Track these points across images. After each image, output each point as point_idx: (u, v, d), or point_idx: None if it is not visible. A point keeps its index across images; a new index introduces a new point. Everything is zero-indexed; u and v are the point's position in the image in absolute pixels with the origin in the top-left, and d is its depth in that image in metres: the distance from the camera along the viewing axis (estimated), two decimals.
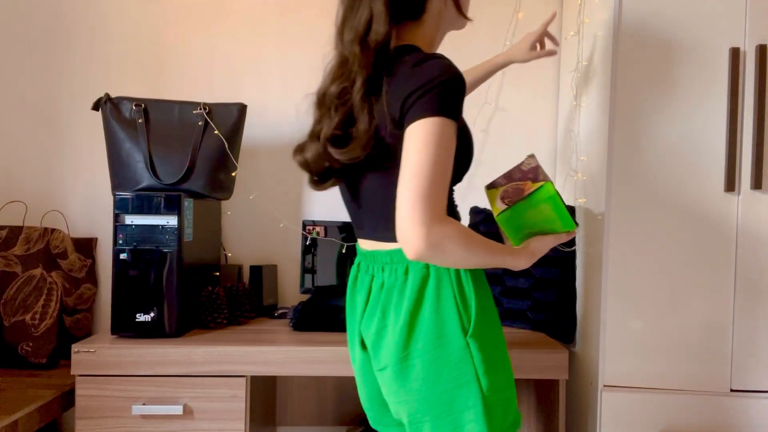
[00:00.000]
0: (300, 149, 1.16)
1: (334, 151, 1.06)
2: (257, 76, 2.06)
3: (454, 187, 1.13)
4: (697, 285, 1.52)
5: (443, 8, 1.13)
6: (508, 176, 1.11)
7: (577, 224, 1.11)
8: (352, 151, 1.03)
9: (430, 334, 1.02)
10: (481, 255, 0.99)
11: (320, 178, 1.14)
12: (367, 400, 1.22)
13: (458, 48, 2.04)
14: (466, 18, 1.17)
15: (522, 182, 1.08)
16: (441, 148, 0.92)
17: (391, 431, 1.23)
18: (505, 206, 1.06)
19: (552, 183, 1.06)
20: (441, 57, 1.00)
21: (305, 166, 1.14)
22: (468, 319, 1.02)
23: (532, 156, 1.14)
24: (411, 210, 0.90)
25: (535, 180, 1.08)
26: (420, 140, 0.92)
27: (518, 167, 1.12)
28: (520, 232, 1.10)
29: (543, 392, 1.66)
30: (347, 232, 1.94)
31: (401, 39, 1.08)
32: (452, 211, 1.12)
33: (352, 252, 1.92)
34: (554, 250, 1.72)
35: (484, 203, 1.97)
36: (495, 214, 1.07)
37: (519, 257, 1.06)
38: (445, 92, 0.94)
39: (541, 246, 1.09)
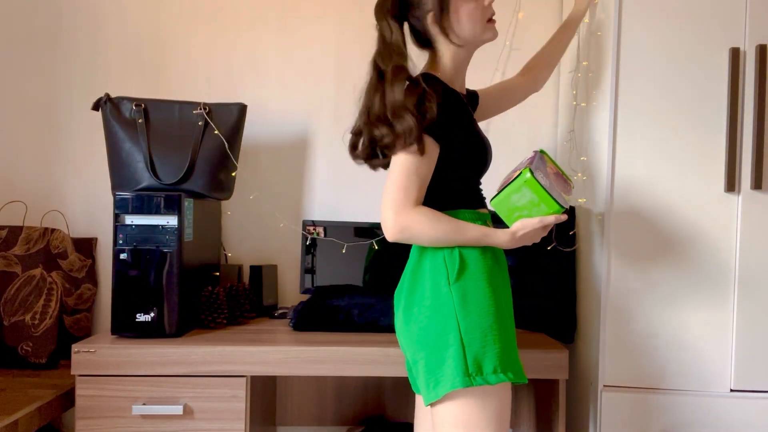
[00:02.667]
0: None
1: None
2: (257, 76, 2.06)
3: (479, 180, 1.36)
4: (697, 285, 1.52)
5: (444, 40, 1.30)
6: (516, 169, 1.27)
7: (564, 208, 1.20)
8: None
9: (426, 284, 1.24)
10: (451, 235, 1.21)
11: None
12: (407, 364, 1.37)
13: None
14: (453, 42, 1.30)
15: (516, 171, 1.22)
16: (406, 158, 1.18)
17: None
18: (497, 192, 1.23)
19: (530, 169, 1.17)
20: (432, 78, 1.23)
21: None
22: (453, 271, 1.21)
23: (538, 150, 1.28)
24: (385, 200, 1.19)
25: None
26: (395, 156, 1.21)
27: (525, 160, 1.26)
28: (512, 216, 1.23)
29: (543, 392, 1.66)
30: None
31: (426, 66, 1.34)
32: (471, 200, 1.31)
33: (353, 252, 1.92)
34: (555, 249, 1.72)
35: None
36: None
37: (498, 236, 1.23)
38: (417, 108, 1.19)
39: (524, 225, 1.22)
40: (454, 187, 1.28)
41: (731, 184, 1.50)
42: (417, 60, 1.31)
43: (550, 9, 2.05)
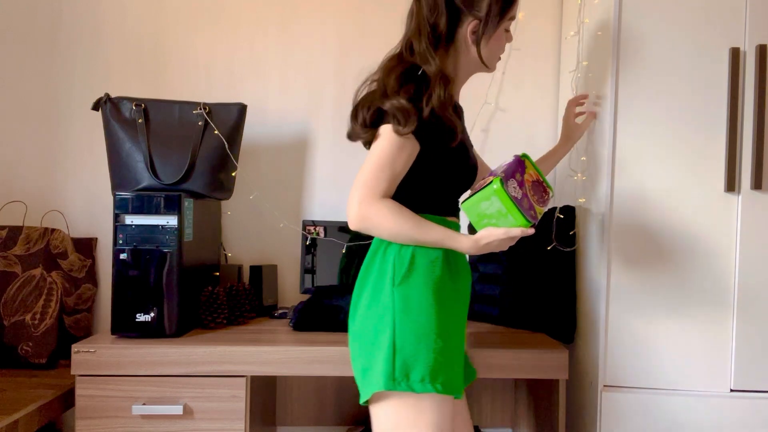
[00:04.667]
0: None
1: None
2: (257, 76, 2.06)
3: (458, 191, 1.33)
4: (697, 285, 1.52)
5: (466, 48, 1.29)
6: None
7: (532, 223, 1.18)
8: None
9: (372, 283, 1.25)
10: (412, 231, 1.19)
11: None
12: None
13: None
14: (487, 67, 1.32)
15: (492, 175, 1.20)
16: (385, 147, 1.18)
17: None
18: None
19: (501, 179, 1.15)
20: None
21: None
22: (399, 274, 1.21)
23: (519, 155, 1.26)
24: (352, 191, 1.18)
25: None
26: (374, 144, 1.21)
27: (504, 164, 1.25)
28: (481, 222, 1.21)
29: (543, 392, 1.66)
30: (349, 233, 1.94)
31: None
32: (441, 206, 1.29)
33: (353, 252, 1.92)
34: (554, 249, 1.72)
35: None
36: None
37: (461, 240, 1.21)
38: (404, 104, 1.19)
39: (489, 234, 1.20)
40: (425, 190, 1.27)
41: (731, 184, 1.50)
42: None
43: (550, 9, 2.05)
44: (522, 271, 1.81)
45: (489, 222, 1.19)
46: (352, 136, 1.27)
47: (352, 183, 1.19)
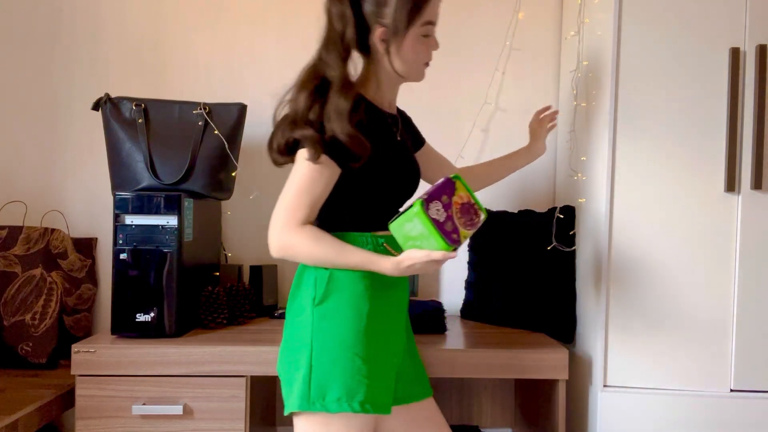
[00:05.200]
0: None
1: None
2: (257, 75, 2.06)
3: (396, 201, 1.32)
4: (698, 285, 1.52)
5: (382, 57, 1.25)
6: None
7: (453, 247, 1.15)
8: None
9: (297, 301, 1.25)
10: (332, 257, 1.19)
11: None
12: None
13: (459, 49, 2.05)
14: (402, 76, 1.27)
15: (419, 197, 1.17)
16: (302, 173, 1.19)
17: None
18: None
19: (422, 201, 1.13)
20: None
21: None
22: (319, 294, 1.21)
23: (450, 176, 1.22)
24: (272, 219, 1.20)
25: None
26: (293, 169, 1.21)
27: (435, 184, 1.20)
28: (406, 243, 1.18)
29: (543, 392, 1.66)
30: None
31: (358, 77, 1.29)
32: (369, 222, 1.26)
33: None
34: (554, 249, 1.72)
35: (484, 203, 1.97)
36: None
37: (382, 263, 1.18)
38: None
39: (410, 257, 1.16)
40: (351, 207, 1.25)
41: (731, 184, 1.50)
42: None
43: (550, 9, 2.05)
44: (522, 271, 1.81)
45: (414, 244, 1.17)
46: (275, 163, 1.26)
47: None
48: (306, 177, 1.18)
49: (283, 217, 1.19)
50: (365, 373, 1.18)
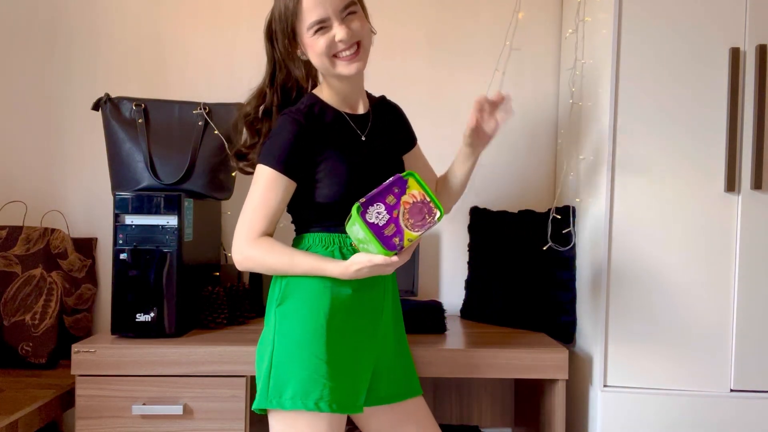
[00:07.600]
0: None
1: None
2: (257, 76, 2.05)
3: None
4: (698, 285, 1.52)
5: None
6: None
7: (392, 252, 1.14)
8: None
9: (268, 305, 1.31)
10: (284, 267, 1.24)
11: None
12: None
13: (458, 49, 2.05)
14: (335, 76, 1.29)
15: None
16: (258, 188, 1.25)
17: None
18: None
19: (359, 206, 1.12)
20: (287, 113, 1.28)
21: None
22: (279, 295, 1.27)
23: (401, 174, 1.19)
24: (235, 232, 1.25)
25: None
26: (252, 183, 1.27)
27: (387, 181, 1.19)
28: (360, 245, 1.19)
29: (543, 392, 1.66)
30: None
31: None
32: (328, 222, 1.29)
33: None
34: (554, 249, 1.72)
35: (483, 204, 1.97)
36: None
37: (330, 268, 1.21)
38: (268, 144, 1.27)
39: (357, 261, 1.18)
40: (314, 209, 1.29)
41: (731, 184, 1.50)
42: None
43: (550, 9, 2.05)
44: (522, 271, 1.81)
45: (362, 246, 1.17)
46: (245, 173, 1.36)
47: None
48: (261, 190, 1.25)
49: (242, 230, 1.24)
50: (324, 372, 1.20)
